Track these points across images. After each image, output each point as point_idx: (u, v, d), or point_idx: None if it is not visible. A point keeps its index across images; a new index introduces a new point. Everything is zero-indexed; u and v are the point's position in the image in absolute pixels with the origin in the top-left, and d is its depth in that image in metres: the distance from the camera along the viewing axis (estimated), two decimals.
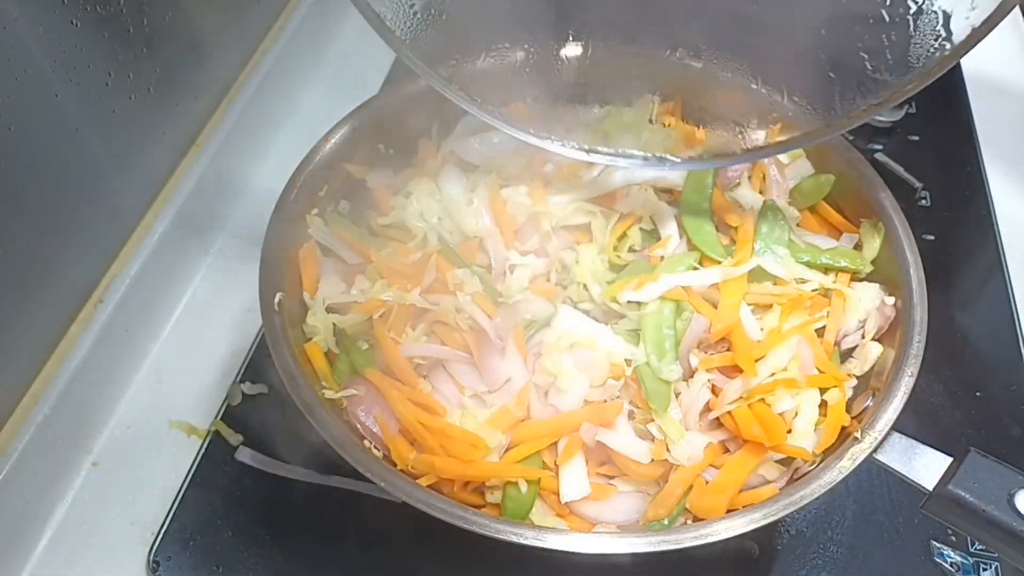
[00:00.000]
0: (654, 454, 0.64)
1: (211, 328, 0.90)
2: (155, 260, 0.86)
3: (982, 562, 0.72)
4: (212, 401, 0.83)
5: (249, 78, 1.03)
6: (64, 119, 0.75)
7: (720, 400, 0.64)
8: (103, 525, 0.76)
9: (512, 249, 0.73)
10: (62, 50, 0.72)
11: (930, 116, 1.09)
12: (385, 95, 0.82)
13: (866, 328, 0.70)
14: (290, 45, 1.09)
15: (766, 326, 0.69)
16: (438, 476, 0.62)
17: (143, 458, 0.80)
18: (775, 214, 0.73)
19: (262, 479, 0.77)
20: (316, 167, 0.76)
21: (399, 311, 0.68)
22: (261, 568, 0.72)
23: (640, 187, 0.76)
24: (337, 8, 1.25)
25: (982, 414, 0.82)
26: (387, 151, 0.82)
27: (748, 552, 0.73)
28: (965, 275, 0.95)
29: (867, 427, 0.60)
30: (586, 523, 0.64)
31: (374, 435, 0.64)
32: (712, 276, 0.69)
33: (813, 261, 0.72)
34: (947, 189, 1.02)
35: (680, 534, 0.56)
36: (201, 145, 0.96)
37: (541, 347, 0.67)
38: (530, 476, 0.62)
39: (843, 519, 0.75)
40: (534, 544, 0.55)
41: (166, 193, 0.91)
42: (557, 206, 0.73)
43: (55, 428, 0.75)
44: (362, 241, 0.76)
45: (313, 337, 0.69)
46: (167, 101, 0.90)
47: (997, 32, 0.59)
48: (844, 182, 0.77)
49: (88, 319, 0.81)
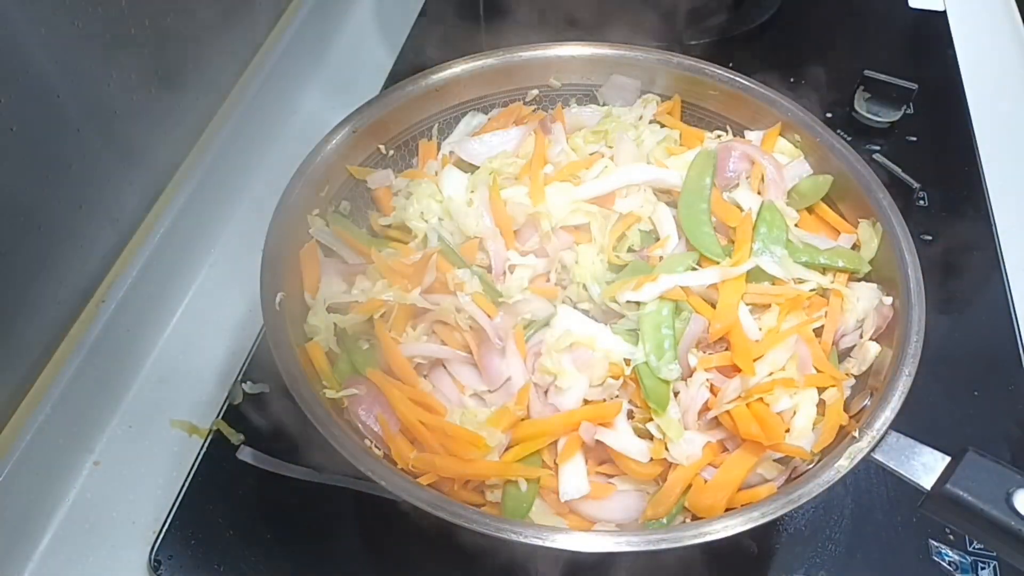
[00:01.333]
0: (653, 453, 0.64)
1: (212, 328, 0.90)
2: (157, 260, 0.86)
3: (980, 561, 0.73)
4: (213, 400, 0.84)
5: (250, 79, 1.04)
6: (65, 120, 0.75)
7: (719, 399, 0.64)
8: (105, 524, 0.76)
9: (512, 249, 0.73)
10: (64, 51, 0.73)
11: (928, 117, 1.10)
12: (385, 95, 0.82)
13: (864, 328, 0.71)
14: (291, 46, 1.10)
15: (764, 326, 0.69)
16: (438, 475, 0.62)
17: (145, 457, 0.81)
18: (773, 214, 0.73)
19: (263, 478, 0.77)
20: (317, 167, 0.76)
21: (399, 311, 0.69)
22: (262, 567, 0.72)
23: (639, 188, 0.76)
24: (338, 9, 1.25)
25: (980, 413, 0.83)
26: (387, 151, 0.83)
27: (747, 551, 0.73)
28: (963, 275, 0.95)
29: (865, 426, 0.60)
30: (585, 522, 0.64)
31: (375, 434, 0.65)
32: (711, 276, 0.69)
33: (811, 261, 0.72)
34: (945, 189, 1.02)
35: (679, 533, 0.56)
36: (202, 146, 0.96)
37: (541, 347, 0.67)
38: (530, 475, 0.62)
39: (841, 518, 0.75)
40: (534, 543, 0.55)
41: (168, 193, 0.91)
42: (557, 206, 0.74)
43: (57, 427, 0.75)
44: (363, 241, 0.76)
45: (314, 337, 0.70)
46: (169, 102, 0.90)
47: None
48: (842, 182, 0.77)
49: (90, 319, 0.81)
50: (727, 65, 0.84)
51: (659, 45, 0.87)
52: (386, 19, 1.28)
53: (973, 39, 1.21)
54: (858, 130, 1.07)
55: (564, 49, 0.86)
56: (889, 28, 1.26)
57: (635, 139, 0.80)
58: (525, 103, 0.87)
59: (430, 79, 0.83)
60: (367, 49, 1.23)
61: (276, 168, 1.02)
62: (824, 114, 1.09)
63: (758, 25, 1.20)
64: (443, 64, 0.84)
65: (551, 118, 0.82)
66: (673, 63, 0.85)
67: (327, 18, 1.21)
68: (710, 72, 0.84)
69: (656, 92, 0.86)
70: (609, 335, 0.67)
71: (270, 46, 1.09)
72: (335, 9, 1.24)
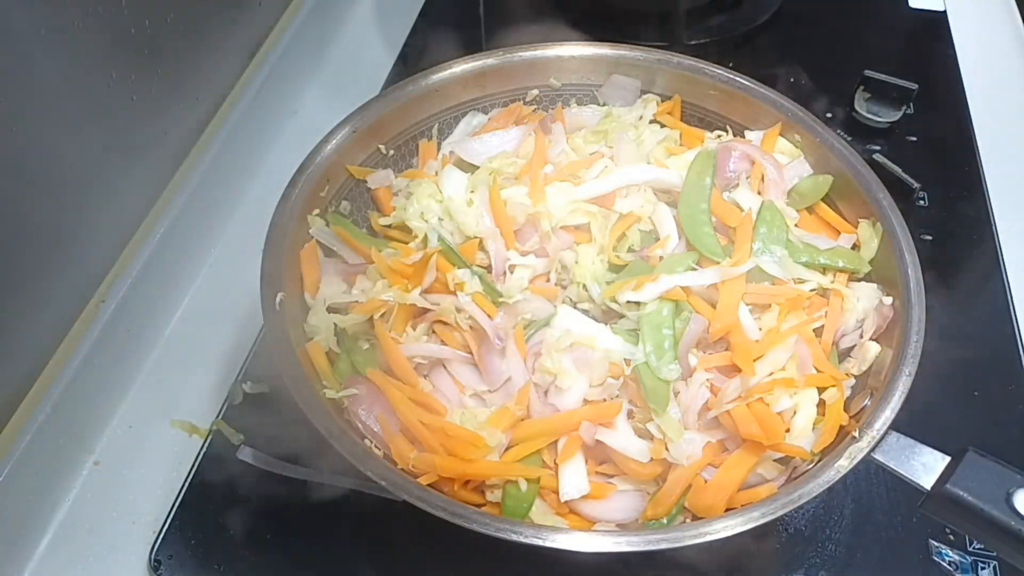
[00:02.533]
0: (653, 453, 0.64)
1: (212, 328, 0.90)
2: (157, 260, 0.86)
3: (980, 561, 0.73)
4: (213, 400, 0.83)
5: (250, 79, 1.04)
6: (66, 120, 0.75)
7: (719, 399, 0.65)
8: (105, 524, 0.76)
9: (512, 249, 0.73)
10: (64, 51, 0.73)
11: (928, 116, 1.10)
12: (385, 95, 0.82)
13: (864, 328, 0.71)
14: (291, 46, 1.10)
15: (764, 326, 0.69)
16: (438, 475, 0.62)
17: (145, 457, 0.81)
18: (773, 214, 0.73)
19: (263, 478, 0.77)
20: (317, 167, 0.76)
21: (400, 311, 0.69)
22: (262, 567, 0.72)
23: (639, 188, 0.76)
24: (338, 9, 1.25)
25: (980, 413, 0.82)
26: (387, 151, 0.83)
27: (747, 550, 0.73)
28: (963, 275, 0.95)
29: (865, 426, 0.60)
30: (585, 522, 0.64)
31: (375, 434, 0.65)
32: (711, 276, 0.69)
33: (811, 261, 0.72)
34: (945, 189, 1.02)
35: (679, 533, 0.56)
36: (203, 146, 0.96)
37: (541, 347, 0.67)
38: (530, 475, 0.62)
39: (841, 518, 0.75)
40: (534, 543, 0.55)
41: (168, 193, 0.91)
42: (557, 206, 0.74)
43: (57, 427, 0.75)
44: (363, 241, 0.76)
45: (314, 337, 0.70)
46: (169, 102, 0.90)
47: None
48: (842, 182, 0.77)
49: (90, 319, 0.81)
50: (727, 65, 0.84)
51: (659, 45, 0.87)
52: (386, 19, 1.28)
53: (973, 39, 1.21)
54: (858, 130, 1.07)
55: (564, 49, 0.86)
56: (889, 28, 1.26)
57: (635, 139, 0.81)
58: (525, 103, 0.87)
59: (430, 79, 0.83)
60: (367, 49, 1.23)
61: (276, 168, 1.03)
62: (824, 114, 1.09)
63: (758, 25, 1.20)
64: (443, 64, 0.84)
65: (551, 118, 0.83)
66: (673, 63, 0.85)
67: (327, 18, 1.21)
68: (710, 72, 0.84)
69: (656, 92, 0.86)
70: (609, 335, 0.67)
71: (270, 46, 1.09)
72: (335, 9, 1.24)
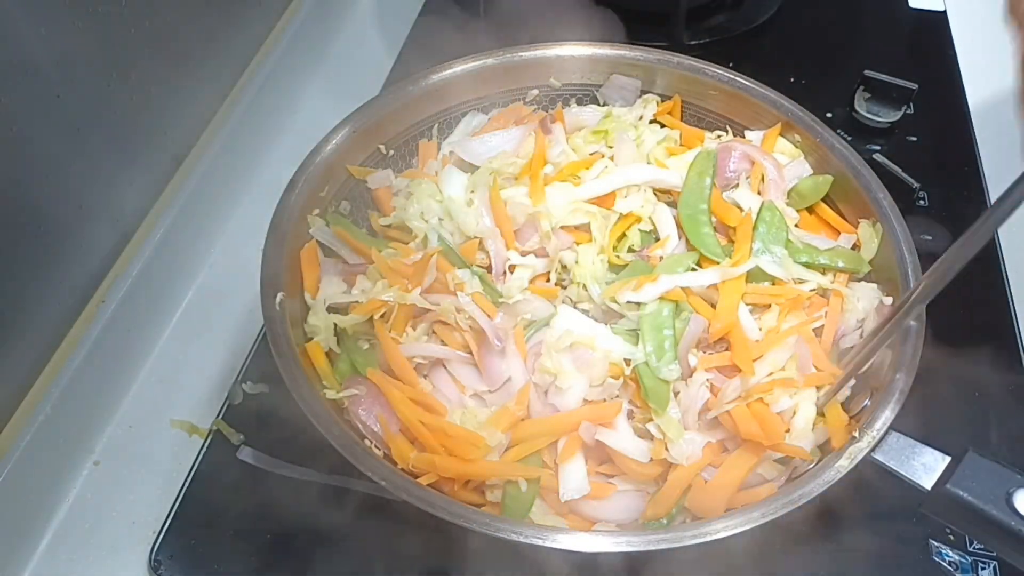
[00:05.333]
0: (653, 453, 0.64)
1: (212, 327, 0.90)
2: (157, 260, 0.86)
3: (980, 561, 0.72)
4: (213, 400, 0.83)
5: (250, 79, 1.04)
6: (65, 119, 0.75)
7: (719, 399, 0.65)
8: (105, 524, 0.76)
9: (512, 249, 0.73)
10: (63, 50, 0.73)
11: (928, 117, 1.10)
12: (385, 95, 0.82)
13: (864, 328, 0.71)
14: (291, 46, 1.10)
15: (764, 326, 0.69)
16: (438, 475, 0.62)
17: (145, 457, 0.81)
18: (773, 215, 0.73)
19: (263, 478, 0.77)
20: (317, 167, 0.76)
21: (400, 311, 0.69)
22: (262, 567, 0.72)
23: (639, 188, 0.76)
24: (337, 9, 1.25)
25: (980, 414, 0.82)
26: (387, 151, 0.83)
27: (746, 550, 0.73)
28: (963, 275, 0.95)
29: (865, 426, 0.60)
30: (585, 522, 0.64)
31: (375, 434, 0.65)
32: (711, 277, 0.69)
33: (811, 261, 0.72)
34: (945, 190, 1.01)
35: (679, 533, 0.56)
36: (203, 145, 0.96)
37: (541, 347, 0.67)
38: (530, 475, 0.62)
39: (841, 518, 0.75)
40: (534, 543, 0.55)
41: (168, 193, 0.91)
42: (557, 206, 0.74)
43: (57, 427, 0.75)
44: (363, 241, 0.76)
45: (314, 337, 0.70)
46: (168, 102, 0.90)
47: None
48: (842, 183, 0.77)
49: (90, 318, 0.81)
50: (727, 65, 0.84)
51: (659, 45, 0.87)
52: (386, 19, 1.28)
53: (973, 39, 1.21)
54: (858, 130, 1.07)
55: (564, 49, 0.86)
56: (889, 28, 1.26)
57: (635, 139, 0.81)
58: (525, 103, 0.87)
59: (430, 79, 0.83)
60: (367, 49, 1.23)
61: (276, 168, 1.03)
62: (824, 114, 1.09)
63: (758, 25, 1.20)
64: (443, 64, 0.84)
65: (551, 118, 0.83)
66: (673, 63, 0.85)
67: (327, 18, 1.21)
68: (710, 72, 0.84)
69: (656, 92, 0.86)
70: (609, 335, 0.67)
71: (270, 46, 1.09)
72: (335, 9, 1.24)
